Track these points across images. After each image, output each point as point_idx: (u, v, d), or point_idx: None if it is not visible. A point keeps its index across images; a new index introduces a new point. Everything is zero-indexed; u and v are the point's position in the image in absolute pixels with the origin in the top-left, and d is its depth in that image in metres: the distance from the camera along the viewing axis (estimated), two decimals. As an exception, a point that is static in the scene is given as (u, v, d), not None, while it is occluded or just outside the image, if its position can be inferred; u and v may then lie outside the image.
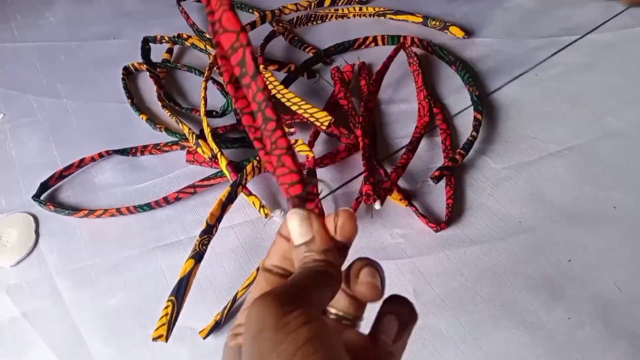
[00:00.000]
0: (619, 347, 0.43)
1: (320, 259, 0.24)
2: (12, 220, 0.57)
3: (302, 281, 0.23)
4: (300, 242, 0.24)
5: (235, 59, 0.20)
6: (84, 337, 0.48)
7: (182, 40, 0.76)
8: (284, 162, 0.24)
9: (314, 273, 0.23)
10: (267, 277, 0.26)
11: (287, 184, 0.25)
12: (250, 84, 0.21)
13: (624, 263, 0.48)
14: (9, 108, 0.72)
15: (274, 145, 0.24)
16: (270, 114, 0.22)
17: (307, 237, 0.24)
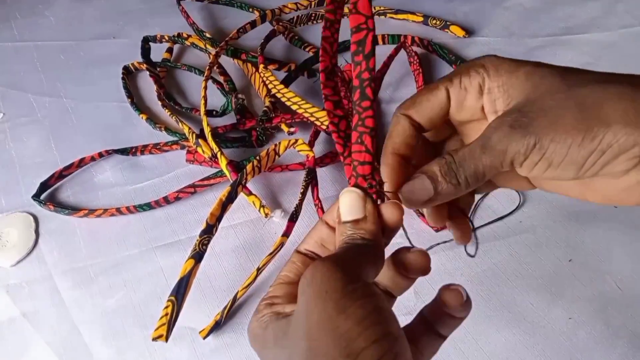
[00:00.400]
0: (620, 347, 0.43)
1: (368, 237, 0.24)
2: (12, 220, 0.57)
3: (354, 255, 0.23)
4: (349, 219, 0.25)
5: (356, 37, 0.23)
6: (84, 337, 0.48)
7: (182, 39, 0.76)
8: (364, 140, 0.25)
9: (363, 250, 0.24)
10: (301, 259, 0.26)
11: (357, 162, 0.25)
12: (361, 62, 0.23)
13: (624, 263, 0.48)
14: (9, 107, 0.72)
15: (360, 122, 0.25)
16: (369, 93, 0.24)
17: (359, 215, 0.25)
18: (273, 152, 0.55)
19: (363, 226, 0.24)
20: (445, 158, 0.25)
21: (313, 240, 0.27)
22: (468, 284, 0.48)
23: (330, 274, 0.21)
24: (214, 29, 0.81)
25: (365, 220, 0.25)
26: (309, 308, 0.21)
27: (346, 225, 0.25)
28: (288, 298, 0.25)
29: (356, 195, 0.25)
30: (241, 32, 0.72)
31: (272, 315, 0.24)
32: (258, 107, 0.67)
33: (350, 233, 0.24)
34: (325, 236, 0.26)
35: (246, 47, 0.74)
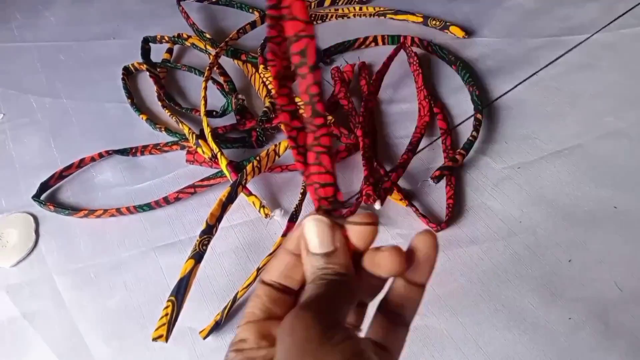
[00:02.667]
0: (619, 347, 0.43)
1: (343, 272, 0.23)
2: (12, 220, 0.57)
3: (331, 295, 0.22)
4: (319, 252, 0.23)
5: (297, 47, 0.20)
6: (84, 337, 0.48)
7: (182, 40, 0.76)
8: (321, 161, 0.23)
9: (338, 287, 0.23)
10: (267, 291, 0.25)
11: (318, 184, 0.24)
12: (306, 75, 0.21)
13: (624, 263, 0.48)
14: (9, 108, 0.72)
15: (316, 142, 0.23)
16: (320, 109, 0.22)
17: (329, 248, 0.23)
18: (273, 153, 0.55)
19: (335, 260, 0.23)
20: None
21: (278, 272, 0.25)
22: (468, 284, 0.48)
23: (309, 323, 0.21)
24: (214, 29, 0.81)
25: (336, 253, 0.23)
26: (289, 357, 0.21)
27: (316, 257, 0.23)
28: (257, 340, 0.24)
29: (324, 225, 0.23)
30: (241, 32, 0.72)
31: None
32: (258, 107, 0.67)
33: (322, 267, 0.23)
34: (291, 265, 0.25)
35: (246, 48, 0.74)
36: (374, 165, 0.57)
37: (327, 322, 0.21)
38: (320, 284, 0.23)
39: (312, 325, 0.21)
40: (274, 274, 0.25)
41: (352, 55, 0.74)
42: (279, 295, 0.25)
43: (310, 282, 0.23)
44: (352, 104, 0.63)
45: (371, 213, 0.24)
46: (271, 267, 0.25)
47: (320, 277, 0.23)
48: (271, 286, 0.25)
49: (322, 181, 0.23)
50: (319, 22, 0.81)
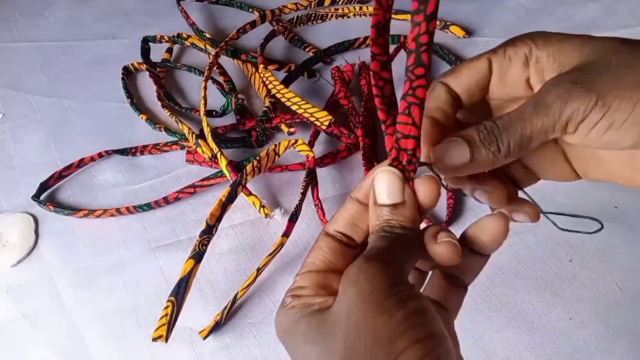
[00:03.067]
0: (620, 347, 0.43)
1: (409, 226, 0.23)
2: (12, 220, 0.57)
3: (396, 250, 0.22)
4: (387, 202, 0.23)
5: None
6: (84, 337, 0.48)
7: (182, 39, 0.76)
8: (412, 112, 0.22)
9: (404, 242, 0.23)
10: (328, 243, 0.25)
11: (401, 134, 0.23)
12: (421, 22, 0.21)
13: (624, 263, 0.48)
14: (9, 108, 0.72)
15: (411, 92, 0.22)
16: (424, 59, 0.22)
17: (397, 199, 0.23)
18: (273, 153, 0.55)
19: (402, 212, 0.23)
20: (485, 124, 0.24)
21: (344, 220, 0.25)
22: (468, 284, 0.48)
23: (374, 275, 0.21)
24: (213, 29, 0.81)
25: (404, 205, 0.23)
26: (350, 308, 0.20)
27: (383, 208, 0.23)
28: (315, 288, 0.23)
29: (395, 177, 0.23)
30: (241, 32, 0.72)
31: (302, 307, 0.23)
32: (258, 107, 0.67)
33: (388, 219, 0.23)
34: (357, 214, 0.25)
35: (246, 48, 0.74)
36: (374, 165, 0.57)
37: (391, 275, 0.21)
38: (384, 236, 0.23)
39: (377, 278, 0.21)
40: (339, 222, 0.25)
41: (352, 55, 0.74)
42: (340, 247, 0.25)
43: (373, 232, 0.23)
44: (352, 103, 0.63)
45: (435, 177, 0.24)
46: (337, 216, 0.25)
47: (384, 228, 0.23)
48: (333, 238, 0.25)
49: (406, 132, 0.23)
50: (319, 21, 0.81)
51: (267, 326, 0.47)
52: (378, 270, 0.21)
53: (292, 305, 0.23)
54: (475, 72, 0.26)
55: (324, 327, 0.21)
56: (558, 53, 0.24)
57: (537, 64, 0.24)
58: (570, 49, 0.23)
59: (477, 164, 0.24)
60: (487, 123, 0.24)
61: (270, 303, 0.49)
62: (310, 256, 0.25)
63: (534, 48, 0.24)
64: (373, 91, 0.24)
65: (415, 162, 0.23)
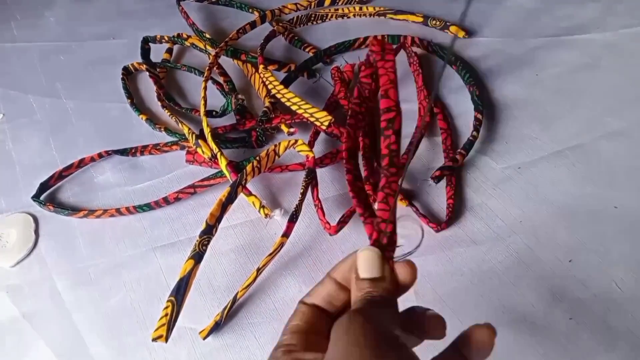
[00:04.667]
0: (620, 347, 0.43)
1: (387, 296, 0.26)
2: (12, 221, 0.57)
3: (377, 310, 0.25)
4: (367, 276, 0.26)
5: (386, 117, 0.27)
6: (84, 337, 0.48)
7: (182, 40, 0.76)
8: (389, 201, 0.28)
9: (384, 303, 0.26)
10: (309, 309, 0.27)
11: (381, 219, 0.28)
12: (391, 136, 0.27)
13: (625, 263, 0.48)
14: (9, 108, 0.72)
15: (387, 185, 0.28)
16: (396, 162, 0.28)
17: (377, 274, 0.27)
18: (273, 153, 0.55)
19: (381, 285, 0.26)
20: None
21: (320, 296, 0.28)
22: (468, 284, 0.48)
23: (365, 324, 0.23)
24: (213, 29, 0.81)
25: (383, 279, 0.26)
26: (346, 354, 0.22)
27: (364, 282, 0.26)
28: (303, 346, 0.26)
29: (375, 255, 0.27)
30: (241, 32, 0.72)
31: None
32: (258, 107, 0.67)
33: (369, 290, 0.26)
34: (334, 292, 0.28)
35: (246, 48, 0.74)
36: (374, 166, 0.57)
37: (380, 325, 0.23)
38: (365, 302, 0.25)
39: (368, 326, 0.23)
40: (316, 298, 0.28)
41: (352, 55, 0.74)
42: (320, 314, 0.27)
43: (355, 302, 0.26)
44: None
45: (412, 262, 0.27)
46: (314, 292, 0.28)
47: (365, 297, 0.26)
48: (310, 306, 0.28)
49: (385, 217, 0.28)
50: (319, 22, 0.81)
51: (267, 326, 0.47)
52: (368, 319, 0.23)
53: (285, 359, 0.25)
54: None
55: None
56: None
57: None
58: None
59: None
60: None
61: (270, 303, 0.49)
62: (293, 319, 0.28)
63: None
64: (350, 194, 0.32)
65: (394, 241, 0.28)
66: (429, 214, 0.54)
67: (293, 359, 0.25)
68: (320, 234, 0.53)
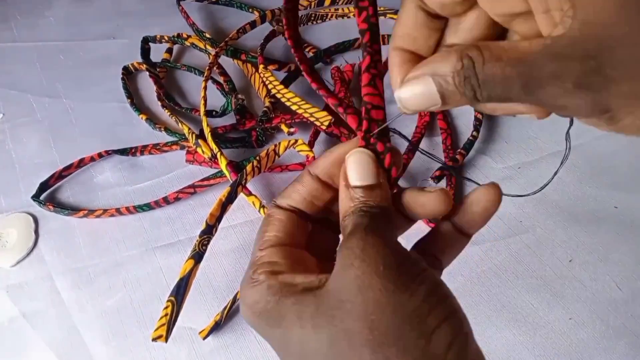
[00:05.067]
0: (620, 347, 0.43)
1: (384, 205, 0.22)
2: (12, 220, 0.57)
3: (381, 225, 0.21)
4: (360, 184, 0.22)
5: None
6: (84, 337, 0.48)
7: (182, 40, 0.76)
8: (376, 84, 0.23)
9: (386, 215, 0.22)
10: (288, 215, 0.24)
11: (370, 105, 0.23)
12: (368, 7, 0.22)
13: (624, 263, 0.48)
14: (9, 108, 0.72)
15: (373, 64, 0.23)
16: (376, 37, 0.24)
17: (372, 181, 0.22)
18: (273, 153, 0.55)
19: (378, 193, 0.22)
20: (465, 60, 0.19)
21: (299, 195, 0.24)
22: (468, 284, 0.48)
23: (383, 249, 0.19)
24: (213, 29, 0.81)
25: (379, 186, 0.22)
26: (364, 285, 0.19)
27: (356, 190, 0.22)
28: (289, 264, 0.22)
29: (368, 158, 0.23)
30: (241, 32, 0.72)
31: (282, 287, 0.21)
32: (258, 107, 0.67)
33: (364, 200, 0.22)
34: (315, 192, 0.24)
35: (246, 48, 0.74)
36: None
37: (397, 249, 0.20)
38: (365, 214, 0.21)
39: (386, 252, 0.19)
40: (295, 198, 0.24)
41: (352, 55, 0.74)
42: (299, 221, 0.24)
43: (348, 214, 0.22)
44: (352, 103, 0.63)
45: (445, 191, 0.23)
46: (291, 192, 0.24)
47: (362, 208, 0.22)
48: (291, 211, 0.24)
49: (375, 102, 0.23)
50: (319, 21, 0.81)
51: (267, 326, 0.47)
52: (384, 243, 0.20)
53: (269, 284, 0.21)
54: None
55: (325, 308, 0.19)
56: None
57: None
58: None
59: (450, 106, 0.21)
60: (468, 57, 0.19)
61: (270, 303, 0.49)
62: (269, 230, 0.24)
63: None
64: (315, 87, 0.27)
65: (389, 136, 0.24)
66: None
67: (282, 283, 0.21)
68: (320, 234, 0.53)
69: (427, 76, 0.20)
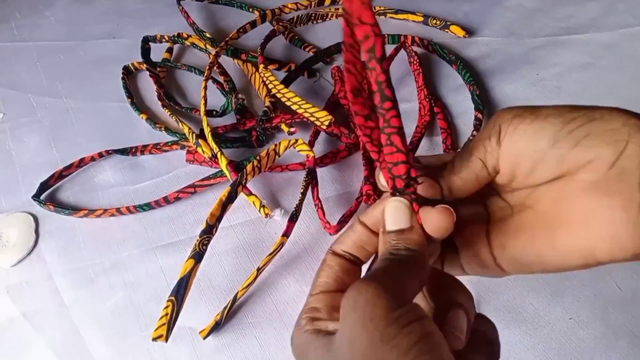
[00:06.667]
0: (619, 347, 0.43)
1: (415, 249, 0.23)
2: (12, 220, 0.57)
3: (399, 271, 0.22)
4: (394, 229, 0.24)
5: (366, 46, 0.22)
6: (84, 337, 0.48)
7: (182, 39, 0.76)
8: (393, 141, 0.24)
9: (408, 263, 0.23)
10: (339, 262, 0.25)
11: (392, 164, 0.25)
12: (375, 67, 0.23)
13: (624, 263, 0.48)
14: (9, 108, 0.72)
15: (386, 124, 0.24)
16: (388, 94, 0.23)
17: (404, 225, 0.24)
18: (273, 152, 0.55)
19: (407, 236, 0.24)
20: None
21: (351, 241, 0.26)
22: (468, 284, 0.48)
23: (374, 299, 0.20)
24: (214, 29, 0.81)
25: (410, 230, 0.24)
26: (353, 335, 0.20)
27: (390, 234, 0.24)
28: (329, 311, 0.24)
29: (402, 205, 0.25)
30: (241, 32, 0.72)
31: (314, 331, 0.23)
32: (258, 107, 0.67)
33: (394, 243, 0.24)
34: (365, 237, 0.26)
35: (246, 47, 0.74)
36: (374, 166, 0.57)
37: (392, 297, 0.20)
38: (388, 259, 0.23)
39: (377, 301, 0.20)
40: (347, 244, 0.26)
41: (352, 54, 0.74)
42: (350, 265, 0.25)
43: (381, 258, 0.23)
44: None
45: (449, 208, 0.24)
46: (345, 238, 0.26)
47: (390, 251, 0.23)
48: (342, 257, 0.25)
49: (395, 160, 0.24)
50: (319, 21, 0.81)
51: (267, 326, 0.47)
52: (377, 292, 0.20)
53: (306, 329, 0.23)
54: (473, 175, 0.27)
55: (330, 353, 0.21)
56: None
57: None
58: None
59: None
60: None
61: (270, 303, 0.49)
62: (321, 275, 0.25)
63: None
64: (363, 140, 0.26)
65: (412, 184, 0.25)
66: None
67: (314, 329, 0.23)
68: (320, 234, 0.53)
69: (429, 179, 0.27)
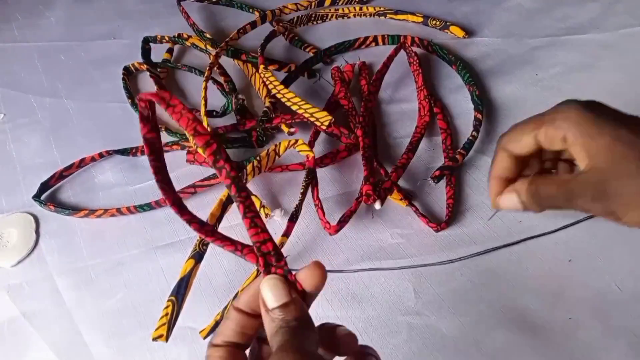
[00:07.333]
0: (619, 347, 0.43)
1: (300, 316, 0.26)
2: (12, 220, 0.57)
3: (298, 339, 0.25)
4: (277, 305, 0.26)
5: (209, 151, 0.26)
6: (84, 337, 0.48)
7: (183, 40, 0.76)
8: (257, 223, 0.27)
9: (301, 329, 0.25)
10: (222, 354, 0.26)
11: (259, 243, 0.27)
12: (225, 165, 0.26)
13: (624, 263, 0.48)
14: (9, 108, 0.72)
15: (247, 209, 0.27)
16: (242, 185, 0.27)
17: (285, 299, 0.26)
18: (273, 153, 0.55)
19: (292, 307, 0.26)
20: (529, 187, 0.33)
21: (231, 331, 0.27)
22: (468, 284, 0.48)
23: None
24: (214, 29, 0.81)
25: (292, 302, 0.26)
26: None
27: (275, 311, 0.26)
28: None
29: (279, 282, 0.26)
30: (241, 32, 0.72)
31: None
32: (258, 107, 0.67)
33: (282, 317, 0.25)
34: (244, 322, 0.27)
35: (246, 48, 0.74)
36: (374, 165, 0.57)
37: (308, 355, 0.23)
38: (284, 331, 0.25)
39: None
40: (227, 334, 0.27)
41: (352, 55, 0.74)
42: (234, 353, 0.27)
43: (273, 334, 0.25)
44: (352, 103, 0.63)
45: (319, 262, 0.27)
46: (223, 329, 0.27)
47: (281, 325, 0.25)
48: (225, 347, 0.27)
49: (261, 239, 0.27)
50: (319, 22, 0.81)
51: (267, 326, 0.47)
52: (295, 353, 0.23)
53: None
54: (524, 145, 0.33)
55: None
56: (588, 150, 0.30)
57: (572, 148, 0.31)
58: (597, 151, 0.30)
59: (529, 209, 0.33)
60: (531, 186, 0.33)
61: (271, 303, 0.49)
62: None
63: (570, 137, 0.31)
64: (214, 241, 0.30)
65: (283, 257, 0.27)
66: (429, 214, 0.54)
67: None
68: (320, 234, 0.53)
69: (513, 193, 0.34)
